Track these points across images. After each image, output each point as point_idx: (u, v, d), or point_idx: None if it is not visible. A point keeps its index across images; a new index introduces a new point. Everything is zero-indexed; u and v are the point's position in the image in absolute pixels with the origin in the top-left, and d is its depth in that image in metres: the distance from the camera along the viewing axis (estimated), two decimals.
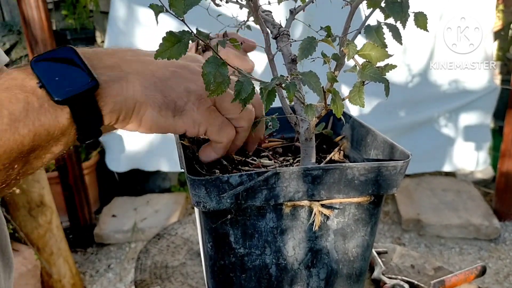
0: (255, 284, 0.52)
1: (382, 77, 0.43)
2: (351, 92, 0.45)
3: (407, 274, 0.85)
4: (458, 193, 2.72)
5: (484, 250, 2.38)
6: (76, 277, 2.05)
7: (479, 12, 2.31)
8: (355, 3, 0.47)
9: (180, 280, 0.92)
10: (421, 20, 0.45)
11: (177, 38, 0.42)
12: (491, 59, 2.44)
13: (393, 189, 0.48)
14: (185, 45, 0.43)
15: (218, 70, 0.44)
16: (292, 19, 0.54)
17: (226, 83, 0.44)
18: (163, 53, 0.42)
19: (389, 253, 0.92)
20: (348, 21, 0.48)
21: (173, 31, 0.43)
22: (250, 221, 0.48)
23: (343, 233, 0.51)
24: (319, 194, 0.47)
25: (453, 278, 0.78)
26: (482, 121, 2.59)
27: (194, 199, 0.45)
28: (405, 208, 2.59)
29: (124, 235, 2.46)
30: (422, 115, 2.58)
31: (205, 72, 0.44)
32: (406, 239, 2.48)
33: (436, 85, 2.52)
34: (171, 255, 1.01)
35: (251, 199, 0.45)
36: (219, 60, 0.44)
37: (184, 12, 0.42)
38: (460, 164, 2.68)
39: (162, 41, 0.42)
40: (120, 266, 2.31)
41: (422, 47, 2.42)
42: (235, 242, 0.49)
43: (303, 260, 0.51)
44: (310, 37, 0.45)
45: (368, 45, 0.43)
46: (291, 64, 0.52)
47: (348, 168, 0.46)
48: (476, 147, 2.63)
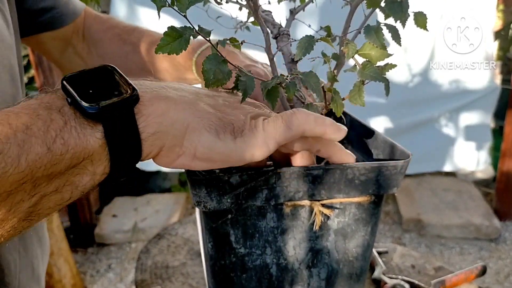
0: (255, 284, 0.52)
1: (382, 77, 0.43)
2: (351, 92, 0.45)
3: (407, 274, 0.85)
4: (458, 193, 2.72)
5: (484, 250, 2.38)
6: (76, 277, 2.05)
7: (479, 12, 2.31)
8: (355, 3, 0.47)
9: (180, 280, 0.92)
10: (421, 20, 0.45)
11: (178, 34, 0.42)
12: (492, 59, 2.44)
13: (394, 189, 0.48)
14: (186, 40, 0.42)
15: (218, 67, 0.44)
16: (292, 19, 0.54)
17: (226, 80, 0.44)
18: (164, 47, 0.42)
19: (389, 253, 0.92)
20: (348, 20, 0.48)
21: (175, 26, 0.42)
22: (251, 221, 0.48)
23: (344, 233, 0.51)
24: (319, 194, 0.47)
25: (453, 278, 0.78)
26: (482, 121, 2.59)
27: (194, 199, 0.45)
28: (406, 208, 2.59)
29: (124, 235, 2.46)
30: (422, 115, 2.58)
31: (205, 69, 0.44)
32: (406, 239, 2.48)
33: (436, 85, 2.52)
34: (171, 255, 1.01)
35: (252, 199, 0.45)
36: (219, 57, 0.44)
37: (187, 8, 0.41)
38: (461, 164, 2.68)
39: (164, 36, 0.42)
40: (120, 266, 2.31)
41: (422, 47, 2.42)
42: (236, 242, 0.49)
43: (304, 260, 0.52)
44: (309, 35, 0.45)
45: (368, 45, 0.43)
46: (291, 63, 0.52)
47: (348, 168, 0.46)
48: (477, 147, 2.62)
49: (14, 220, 0.32)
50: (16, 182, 0.31)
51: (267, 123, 0.40)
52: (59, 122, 0.33)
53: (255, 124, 0.40)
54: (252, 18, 0.52)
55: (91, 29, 0.75)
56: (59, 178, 0.33)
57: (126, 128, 0.34)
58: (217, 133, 0.38)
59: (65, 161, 0.32)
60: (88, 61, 0.76)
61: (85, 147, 0.33)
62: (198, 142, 0.37)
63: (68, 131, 0.33)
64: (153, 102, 0.36)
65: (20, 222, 0.33)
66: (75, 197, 0.35)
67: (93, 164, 0.34)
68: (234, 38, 0.49)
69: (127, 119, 0.34)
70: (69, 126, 0.33)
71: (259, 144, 0.39)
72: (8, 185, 0.30)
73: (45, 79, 2.11)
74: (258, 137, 0.39)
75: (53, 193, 0.33)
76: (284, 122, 0.40)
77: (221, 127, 0.38)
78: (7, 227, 0.32)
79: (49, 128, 0.32)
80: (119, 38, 0.73)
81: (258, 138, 0.39)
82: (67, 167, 0.33)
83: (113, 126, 0.34)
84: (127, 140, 0.34)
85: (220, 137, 0.38)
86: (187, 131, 0.37)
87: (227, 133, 0.38)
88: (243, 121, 0.40)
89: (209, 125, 0.38)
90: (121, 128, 0.34)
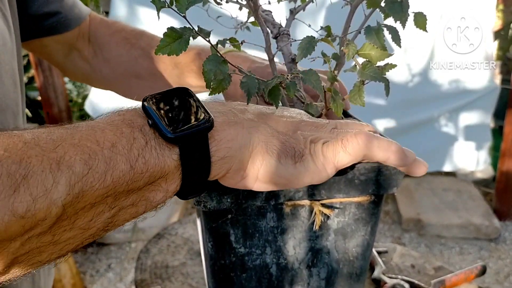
0: (255, 283, 0.52)
1: (382, 77, 0.43)
2: (351, 92, 0.45)
3: (407, 274, 0.85)
4: (458, 192, 2.72)
5: (484, 249, 2.38)
6: (76, 277, 2.05)
7: (479, 12, 2.31)
8: (355, 3, 0.47)
9: (180, 279, 0.92)
10: (420, 20, 0.45)
11: (178, 34, 0.42)
12: (491, 59, 2.44)
13: (393, 188, 0.48)
14: (186, 41, 0.42)
15: (219, 68, 0.44)
16: (292, 19, 0.54)
17: (227, 81, 0.44)
18: (164, 48, 0.42)
19: (389, 252, 0.92)
20: (348, 20, 0.48)
21: (174, 27, 0.42)
22: (251, 221, 0.48)
23: (344, 232, 0.51)
24: (319, 194, 0.47)
25: (453, 277, 0.79)
26: (482, 120, 2.59)
27: (194, 199, 0.45)
28: (406, 207, 2.59)
29: (124, 234, 2.46)
30: (422, 115, 2.58)
31: (205, 70, 0.44)
32: (406, 238, 2.48)
33: (436, 85, 2.52)
34: (171, 255, 1.01)
35: (252, 199, 0.46)
36: (219, 57, 0.44)
37: (187, 8, 0.41)
38: (460, 164, 2.68)
39: (163, 36, 0.42)
40: (120, 266, 2.31)
41: (422, 47, 2.42)
42: (236, 241, 0.49)
43: (304, 260, 0.52)
44: (310, 36, 0.45)
45: (368, 45, 0.43)
46: (291, 63, 0.52)
47: (348, 168, 0.46)
48: (476, 147, 2.62)
49: (93, 229, 0.35)
50: (101, 195, 0.33)
51: (326, 148, 0.41)
52: (141, 141, 0.35)
53: (315, 149, 0.41)
54: (252, 18, 0.52)
55: (97, 33, 0.75)
56: (136, 193, 0.35)
57: (200, 152, 0.36)
58: (279, 158, 0.39)
59: (144, 179, 0.35)
60: (94, 65, 0.76)
61: (163, 167, 0.35)
62: (260, 166, 0.39)
63: (149, 151, 0.35)
64: (225, 127, 0.38)
65: (98, 231, 0.35)
66: (148, 211, 0.38)
67: (167, 182, 0.36)
68: (234, 38, 0.49)
69: (201, 144, 0.36)
70: (149, 146, 0.35)
71: (318, 169, 0.40)
72: (94, 198, 0.33)
73: (45, 79, 2.11)
74: (318, 163, 0.40)
75: (130, 206, 0.36)
76: (343, 148, 0.40)
77: (283, 152, 0.39)
78: (86, 235, 0.35)
79: (132, 146, 0.34)
80: (127, 42, 0.74)
81: (318, 163, 0.40)
82: (145, 184, 0.35)
83: (188, 150, 0.36)
84: (200, 163, 0.37)
85: (281, 161, 0.39)
86: (252, 155, 0.39)
87: (288, 158, 0.40)
88: (304, 145, 0.41)
89: (272, 149, 0.39)
90: (195, 152, 0.36)
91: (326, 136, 0.42)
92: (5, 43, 0.53)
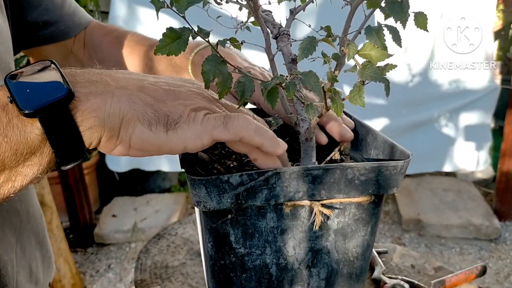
0: (255, 284, 0.52)
1: (383, 77, 0.43)
2: (351, 92, 0.45)
3: (407, 274, 0.85)
4: (458, 193, 2.72)
5: (484, 250, 2.38)
6: (76, 277, 2.05)
7: (479, 12, 2.31)
8: (355, 3, 0.47)
9: (180, 280, 0.92)
10: (421, 20, 0.45)
11: (177, 35, 0.42)
12: (491, 59, 2.44)
13: (394, 189, 0.48)
14: (185, 41, 0.42)
15: (218, 68, 0.44)
16: (292, 19, 0.53)
17: (228, 81, 0.44)
18: (163, 48, 0.42)
19: (389, 253, 0.91)
20: (348, 21, 0.48)
21: (174, 27, 0.42)
22: (251, 221, 0.48)
23: (344, 233, 0.51)
24: (319, 194, 0.47)
25: (453, 278, 0.78)
26: (482, 121, 2.59)
27: (194, 199, 0.45)
28: (406, 208, 2.59)
29: (124, 235, 2.46)
30: (422, 115, 2.58)
31: (204, 70, 0.43)
32: (406, 239, 2.48)
33: (436, 85, 2.52)
34: (171, 255, 1.01)
35: (252, 199, 0.45)
36: (218, 58, 0.44)
37: (186, 9, 0.41)
38: (461, 164, 2.68)
39: (162, 37, 0.42)
40: (120, 266, 2.31)
41: (422, 47, 2.42)
42: (236, 242, 0.49)
43: (304, 260, 0.51)
44: (311, 36, 0.45)
45: (368, 45, 0.43)
46: (291, 64, 0.52)
47: (348, 168, 0.46)
48: (477, 147, 2.62)
49: None
50: None
51: (207, 118, 0.42)
52: (3, 120, 0.36)
53: (194, 117, 0.41)
54: (252, 18, 0.52)
55: (91, 36, 0.76)
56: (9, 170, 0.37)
57: (63, 124, 0.37)
58: (150, 125, 0.40)
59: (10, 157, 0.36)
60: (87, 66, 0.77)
61: (27, 143, 0.36)
62: (132, 133, 0.40)
63: (11, 129, 0.36)
64: (89, 97, 0.38)
65: None
66: (26, 184, 0.39)
67: (37, 156, 0.38)
68: (234, 38, 0.49)
69: (63, 116, 0.37)
70: (12, 124, 0.36)
71: (193, 137, 0.41)
72: None
73: None
74: (194, 131, 0.41)
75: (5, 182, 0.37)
76: (224, 123, 0.41)
77: (154, 119, 0.40)
78: None
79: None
80: (117, 41, 0.75)
81: (194, 132, 0.41)
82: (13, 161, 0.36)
83: (50, 123, 0.37)
84: (66, 135, 0.37)
85: (152, 129, 0.40)
86: (123, 123, 0.39)
87: (160, 125, 0.40)
88: (180, 113, 0.41)
89: (143, 117, 0.40)
90: (58, 124, 0.37)
91: (210, 108, 0.43)
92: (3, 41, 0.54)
